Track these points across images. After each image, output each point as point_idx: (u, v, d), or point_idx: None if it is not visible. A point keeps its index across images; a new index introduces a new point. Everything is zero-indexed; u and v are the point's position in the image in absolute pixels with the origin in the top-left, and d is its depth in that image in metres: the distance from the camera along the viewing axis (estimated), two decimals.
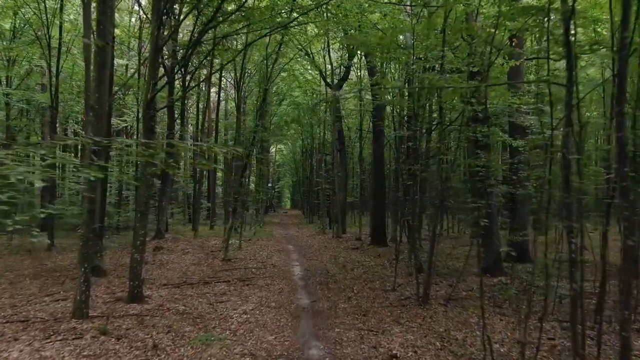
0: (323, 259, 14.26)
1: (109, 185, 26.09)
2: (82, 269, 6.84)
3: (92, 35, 10.18)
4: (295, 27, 13.30)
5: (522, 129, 11.32)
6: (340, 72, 22.46)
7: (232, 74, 24.20)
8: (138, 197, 7.98)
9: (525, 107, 10.19)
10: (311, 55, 22.11)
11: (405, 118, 13.17)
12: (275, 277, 10.80)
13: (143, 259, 9.52)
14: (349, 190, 28.46)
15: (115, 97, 21.09)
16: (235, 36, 19.29)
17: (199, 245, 14.53)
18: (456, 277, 9.97)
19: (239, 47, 19.45)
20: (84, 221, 6.84)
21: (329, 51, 21.13)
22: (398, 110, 13.37)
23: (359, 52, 20.03)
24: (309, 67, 25.88)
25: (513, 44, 8.91)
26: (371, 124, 18.82)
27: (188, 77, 14.40)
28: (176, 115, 17.81)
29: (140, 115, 18.17)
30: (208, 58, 14.50)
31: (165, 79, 13.39)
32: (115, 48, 22.77)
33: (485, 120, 8.92)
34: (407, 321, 6.92)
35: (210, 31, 13.56)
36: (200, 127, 21.02)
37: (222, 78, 30.64)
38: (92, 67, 9.59)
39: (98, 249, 10.79)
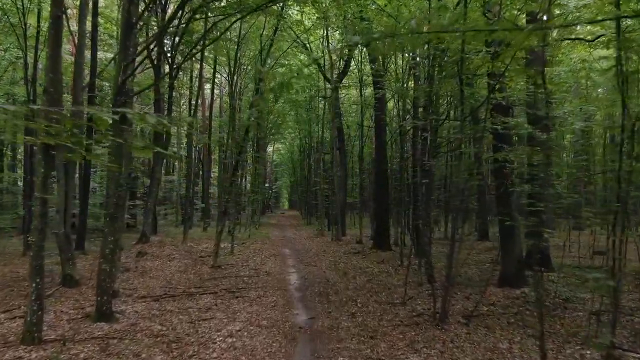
0: (322, 264, 13.13)
1: (97, 184, 24.96)
2: (34, 285, 5.69)
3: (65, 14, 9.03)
4: (292, 5, 12.15)
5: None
6: (339, 65, 21.31)
7: (226, 68, 23.10)
8: (107, 197, 6.81)
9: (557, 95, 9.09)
10: (309, 48, 20.97)
11: (411, 110, 12.04)
12: (269, 288, 9.65)
13: (114, 270, 8.37)
14: (348, 191, 27.30)
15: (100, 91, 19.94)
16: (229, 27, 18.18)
17: (187, 250, 13.38)
18: (476, 289, 8.86)
19: (233, 37, 18.34)
20: (35, 227, 5.68)
21: (327, 43, 19.97)
22: (402, 101, 12.25)
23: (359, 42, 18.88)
24: (306, 61, 24.73)
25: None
26: (373, 117, 17.66)
27: (175, 66, 13.25)
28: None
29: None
30: (199, 47, 13.35)
31: (150, 68, 12.23)
32: (104, 41, 21.63)
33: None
34: (425, 347, 5.78)
35: (200, 16, 12.46)
36: (193, 123, 19.84)
37: (217, 74, 29.54)
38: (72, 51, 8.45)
39: (70, 255, 9.64)
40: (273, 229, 28.75)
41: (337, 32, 23.73)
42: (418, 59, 8.56)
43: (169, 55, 13.13)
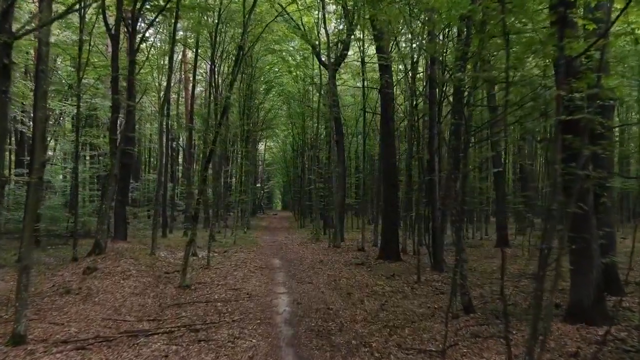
0: (319, 281, 10.58)
1: (62, 183, 22.17)
2: None
3: None
4: None
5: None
6: (338, 47, 18.78)
7: (209, 53, 20.51)
8: None
9: None
10: (302, 27, 18.42)
11: (425, 88, 9.53)
12: (249, 321, 7.08)
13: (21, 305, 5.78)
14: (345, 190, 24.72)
15: None
16: None
17: (149, 265, 10.72)
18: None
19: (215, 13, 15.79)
20: None
21: (324, 20, 17.40)
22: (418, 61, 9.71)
23: (360, 21, 16.36)
24: (298, 42, 22.25)
25: None
26: (379, 97, 14.94)
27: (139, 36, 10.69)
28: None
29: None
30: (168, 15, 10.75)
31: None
32: None
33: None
34: None
35: None
36: (162, 106, 17.15)
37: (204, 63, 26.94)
38: None
39: None
40: (263, 232, 26.21)
41: (334, 16, 21.35)
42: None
43: (129, 21, 10.54)
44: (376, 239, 17.75)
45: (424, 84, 12.70)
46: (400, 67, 18.34)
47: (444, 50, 8.93)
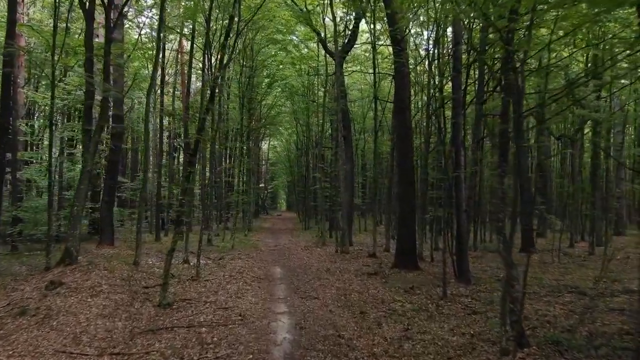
0: (326, 295, 9.00)
1: (40, 180, 20.66)
2: None
3: None
4: None
5: None
6: (345, 33, 17.19)
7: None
8: None
9: None
10: (306, 9, 16.84)
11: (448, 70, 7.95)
12: (237, 357, 5.50)
13: None
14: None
15: None
16: None
17: (126, 277, 9.08)
18: None
19: None
20: None
21: (331, 3, 15.79)
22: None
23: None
24: (301, 33, 20.70)
25: None
26: (391, 85, 13.36)
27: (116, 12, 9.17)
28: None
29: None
30: None
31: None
32: None
33: None
34: None
35: None
36: (148, 91, 15.66)
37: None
38: None
39: None
40: (265, 234, 24.63)
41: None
42: None
43: None
44: (387, 243, 16.19)
45: (440, 71, 11.10)
46: (410, 60, 16.83)
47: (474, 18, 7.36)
